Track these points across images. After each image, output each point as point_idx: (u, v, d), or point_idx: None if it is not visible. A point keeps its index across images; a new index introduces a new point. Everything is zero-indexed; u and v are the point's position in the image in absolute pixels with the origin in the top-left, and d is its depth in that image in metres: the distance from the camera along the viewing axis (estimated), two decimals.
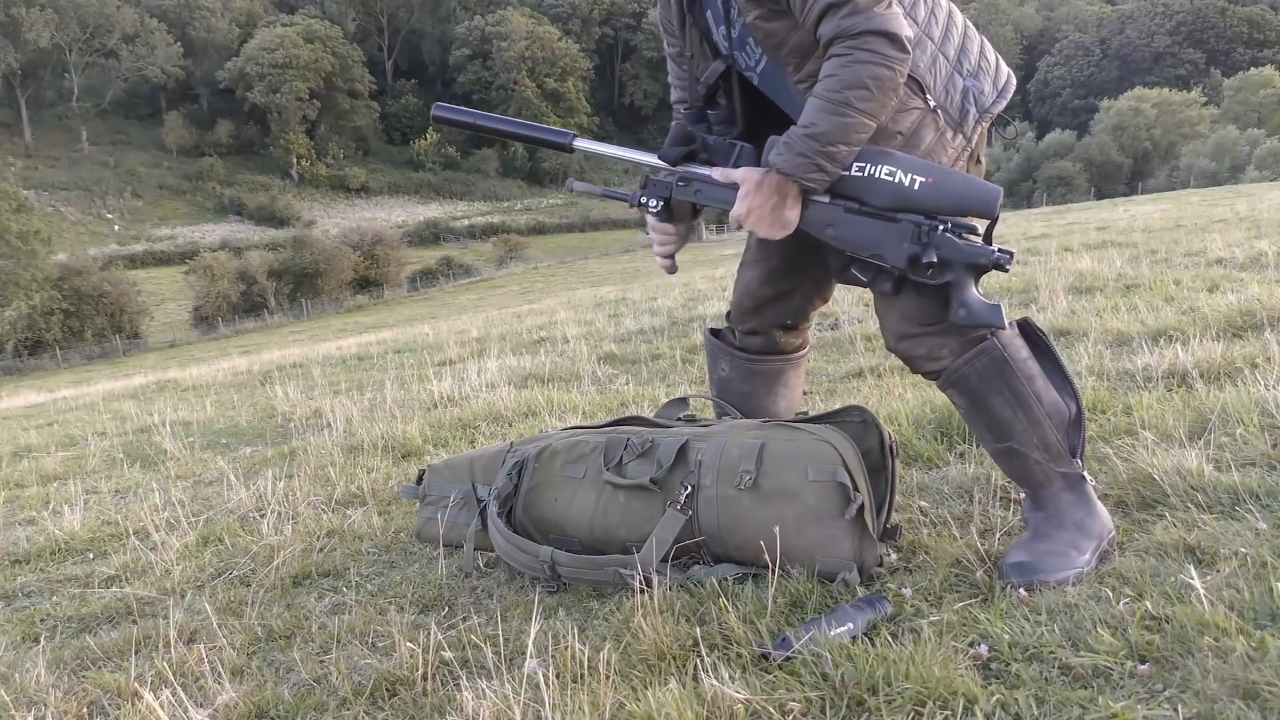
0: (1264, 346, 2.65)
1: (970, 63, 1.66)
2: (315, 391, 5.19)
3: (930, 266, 1.54)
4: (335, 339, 14.85)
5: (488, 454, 2.06)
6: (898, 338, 1.68)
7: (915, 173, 1.54)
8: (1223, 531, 1.57)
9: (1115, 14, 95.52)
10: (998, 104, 1.66)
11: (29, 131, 77.08)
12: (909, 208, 1.55)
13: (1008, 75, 1.70)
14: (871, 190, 1.56)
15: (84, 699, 1.62)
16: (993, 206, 1.55)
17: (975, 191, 1.55)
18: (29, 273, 40.41)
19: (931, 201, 1.54)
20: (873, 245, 1.57)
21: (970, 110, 1.64)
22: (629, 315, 6.72)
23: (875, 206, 1.56)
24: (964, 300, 1.55)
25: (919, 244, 1.54)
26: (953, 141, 1.63)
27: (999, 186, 1.57)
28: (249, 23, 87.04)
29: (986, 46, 1.71)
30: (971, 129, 1.64)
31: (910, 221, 1.55)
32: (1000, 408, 1.62)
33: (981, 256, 1.54)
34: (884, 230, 1.56)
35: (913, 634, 1.41)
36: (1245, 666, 1.18)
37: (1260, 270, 4.34)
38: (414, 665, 1.53)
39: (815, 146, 1.52)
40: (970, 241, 1.56)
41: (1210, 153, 57.04)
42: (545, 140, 1.79)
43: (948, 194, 1.54)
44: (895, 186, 1.54)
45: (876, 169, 1.55)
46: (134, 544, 2.48)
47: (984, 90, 1.65)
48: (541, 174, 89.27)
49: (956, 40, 1.66)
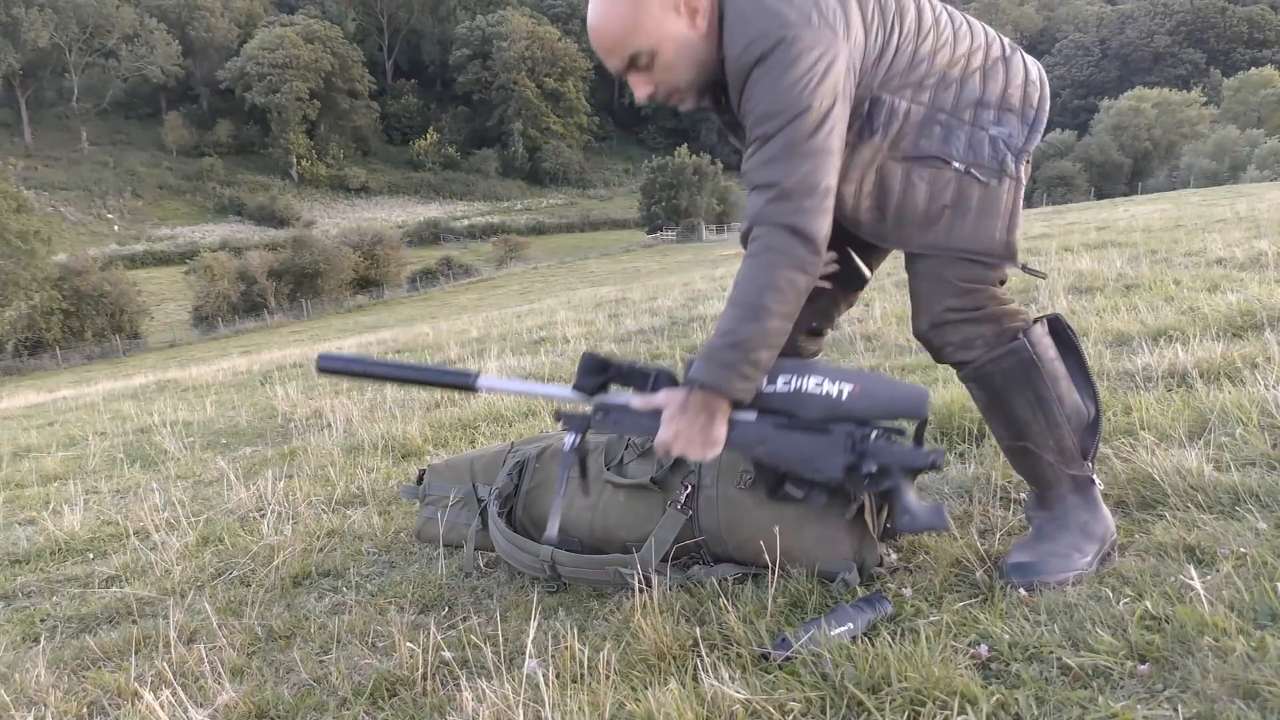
0: (1264, 346, 2.65)
1: (990, 112, 1.59)
2: (315, 391, 5.19)
3: (869, 476, 1.52)
4: (335, 339, 14.85)
5: (488, 454, 2.06)
6: (933, 323, 1.61)
7: (842, 381, 1.53)
8: (1223, 531, 1.57)
9: (1115, 14, 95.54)
10: (1032, 139, 1.60)
11: (29, 131, 77.10)
12: (840, 417, 1.53)
13: (1038, 101, 1.62)
14: (800, 404, 1.53)
15: (84, 699, 1.62)
16: (922, 408, 1.54)
17: (903, 395, 1.54)
18: (29, 273, 40.41)
19: (861, 409, 1.53)
20: (807, 459, 1.54)
21: (1006, 155, 1.57)
22: (629, 315, 6.72)
23: (805, 419, 1.54)
24: (905, 507, 1.52)
25: (854, 453, 1.52)
26: (1001, 187, 1.56)
27: (924, 388, 1.57)
28: (249, 23, 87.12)
29: (1011, 75, 1.61)
30: (1015, 169, 1.58)
31: (843, 431, 1.53)
32: (1021, 409, 1.60)
33: (919, 460, 1.53)
34: (817, 443, 1.54)
35: (913, 634, 1.40)
36: (1245, 666, 1.18)
37: (1260, 270, 4.34)
38: (414, 665, 1.53)
39: (737, 355, 1.47)
40: (903, 445, 1.54)
41: (1210, 153, 57.05)
42: (445, 383, 1.72)
43: (877, 400, 1.53)
44: (824, 398, 1.52)
45: (803, 381, 1.53)
46: (134, 544, 2.48)
47: (1012, 132, 1.58)
48: (541, 174, 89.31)
49: (972, 95, 1.58)
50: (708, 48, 1.52)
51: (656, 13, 1.49)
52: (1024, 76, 1.62)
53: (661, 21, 1.49)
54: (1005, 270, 1.60)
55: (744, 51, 1.46)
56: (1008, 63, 1.62)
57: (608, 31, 1.51)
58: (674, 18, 1.49)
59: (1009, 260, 1.57)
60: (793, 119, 1.43)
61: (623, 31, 1.50)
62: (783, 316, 1.46)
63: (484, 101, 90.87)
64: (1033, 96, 1.62)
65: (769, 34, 1.43)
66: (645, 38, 1.50)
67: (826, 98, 1.43)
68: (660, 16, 1.49)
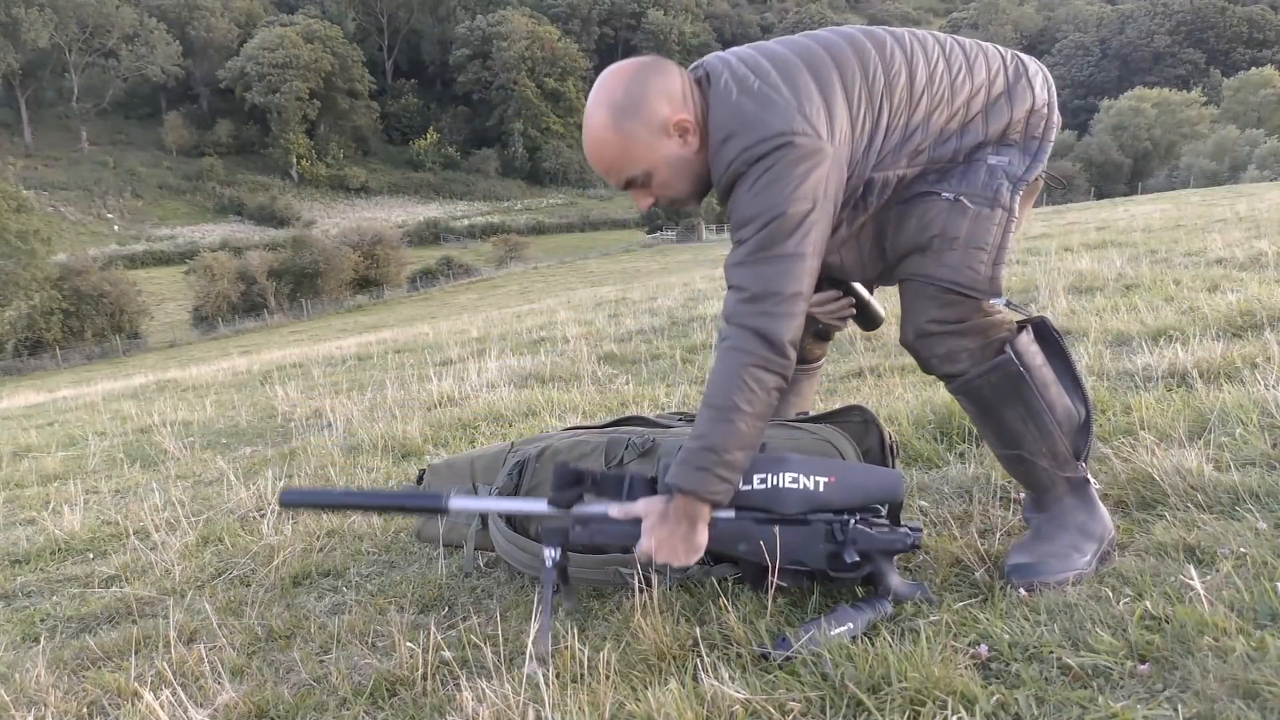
0: (1264, 346, 2.65)
1: (990, 148, 1.58)
2: (315, 391, 5.19)
3: (852, 564, 1.53)
4: (335, 339, 14.85)
5: (488, 454, 2.06)
6: (917, 334, 1.61)
7: (817, 474, 1.54)
8: (1223, 531, 1.57)
9: (1115, 14, 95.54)
10: (1033, 169, 1.58)
11: (29, 131, 77.11)
12: (818, 508, 1.55)
13: (1042, 129, 1.61)
14: (778, 500, 1.54)
15: (84, 699, 1.62)
16: (897, 492, 1.56)
17: (878, 481, 1.56)
18: (29, 272, 40.40)
19: (839, 499, 1.54)
20: (790, 552, 1.55)
21: (1001, 183, 1.56)
22: (629, 315, 6.72)
23: (784, 514, 1.55)
24: (887, 587, 1.54)
25: (835, 542, 1.53)
26: (992, 217, 1.56)
27: (899, 473, 1.59)
28: (249, 23, 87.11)
29: (1016, 109, 1.59)
30: (1009, 199, 1.56)
31: (821, 521, 1.55)
32: (1013, 420, 1.60)
33: (898, 543, 1.54)
34: (798, 535, 1.55)
35: (913, 634, 1.41)
36: (1245, 666, 1.18)
37: (1260, 270, 4.34)
38: (414, 665, 1.53)
39: (712, 458, 1.47)
40: (882, 528, 1.56)
41: (1210, 153, 57.04)
42: (415, 507, 1.72)
43: (853, 489, 1.55)
44: (801, 492, 1.54)
45: (778, 477, 1.54)
46: (134, 544, 2.48)
47: (1012, 160, 1.57)
48: (541, 174, 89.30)
49: (973, 141, 1.58)
50: (701, 160, 1.56)
51: (647, 138, 1.53)
52: (1030, 104, 1.60)
53: (653, 146, 1.53)
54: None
55: (727, 169, 1.50)
56: (1011, 94, 1.60)
57: (602, 159, 1.56)
58: (664, 140, 1.53)
59: (993, 295, 1.56)
60: (766, 224, 1.46)
61: (617, 159, 1.55)
62: (754, 416, 1.48)
63: (484, 101, 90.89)
64: (1036, 126, 1.60)
65: (750, 149, 1.47)
66: (639, 163, 1.55)
67: (804, 203, 1.46)
68: (651, 141, 1.53)
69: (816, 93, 1.49)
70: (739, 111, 1.49)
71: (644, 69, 1.55)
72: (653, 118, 1.52)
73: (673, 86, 1.53)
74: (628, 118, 1.52)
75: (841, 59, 1.54)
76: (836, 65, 1.53)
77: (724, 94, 1.52)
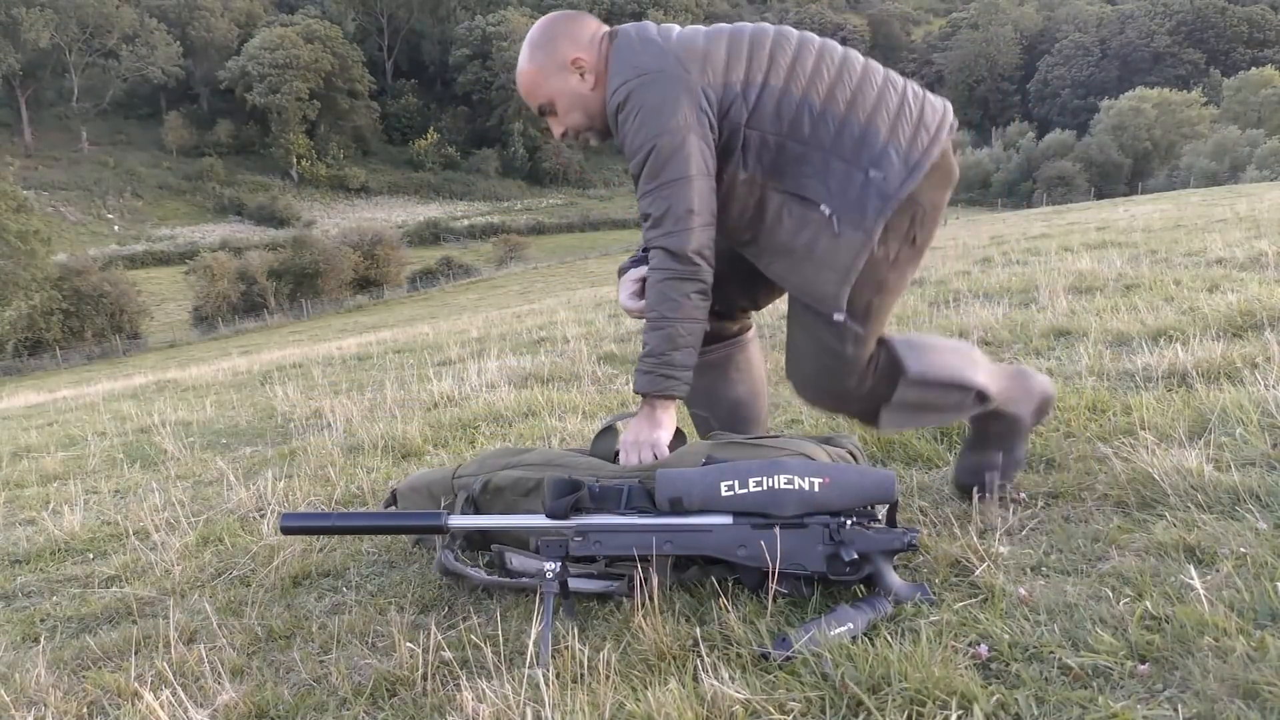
0: (1264, 346, 2.65)
1: (873, 151, 1.67)
2: (315, 391, 5.19)
3: (850, 564, 1.54)
4: (335, 339, 14.85)
5: (434, 478, 2.04)
6: (801, 387, 1.85)
7: (811, 475, 1.56)
8: (1223, 531, 1.57)
9: (1115, 14, 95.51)
10: (908, 183, 1.67)
11: (29, 131, 77.09)
12: (814, 510, 1.57)
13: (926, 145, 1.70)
14: (775, 503, 1.57)
15: (84, 699, 1.62)
16: (891, 491, 1.59)
17: (871, 481, 1.59)
18: (29, 273, 40.38)
19: (835, 500, 1.57)
20: (788, 555, 1.57)
21: (869, 201, 1.66)
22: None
23: (782, 517, 1.57)
24: (887, 587, 1.55)
25: (832, 544, 1.56)
26: (851, 241, 1.67)
27: (891, 473, 1.62)
28: (249, 23, 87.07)
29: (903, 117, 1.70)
30: (873, 221, 1.67)
31: (818, 523, 1.56)
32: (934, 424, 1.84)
33: (895, 542, 1.56)
34: (796, 538, 1.57)
35: (913, 634, 1.41)
36: (1245, 666, 1.18)
37: (1260, 270, 4.34)
38: (414, 665, 1.53)
39: (654, 362, 1.74)
40: (878, 529, 1.58)
41: (1210, 153, 57.06)
42: (415, 527, 1.85)
43: (847, 489, 1.57)
44: (797, 493, 1.56)
45: (774, 480, 1.57)
46: (134, 544, 2.48)
47: (888, 176, 1.67)
48: (541, 174, 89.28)
49: (855, 132, 1.68)
50: (597, 99, 1.82)
51: (553, 71, 1.82)
52: (918, 119, 1.72)
53: (556, 78, 1.82)
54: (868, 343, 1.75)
55: (609, 101, 1.75)
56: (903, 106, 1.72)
57: (521, 86, 1.87)
58: (566, 75, 1.82)
59: (836, 310, 1.71)
60: (647, 155, 1.69)
61: (528, 86, 1.86)
62: (681, 320, 1.73)
63: (484, 101, 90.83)
64: (922, 140, 1.71)
65: (626, 83, 1.71)
66: (544, 90, 1.84)
67: (674, 132, 1.67)
68: (554, 73, 1.82)
69: (702, 42, 1.73)
70: (628, 56, 1.75)
71: (562, 17, 1.85)
72: (557, 53, 1.81)
73: (580, 33, 1.82)
74: (539, 51, 1.83)
75: (741, 29, 1.78)
76: (733, 30, 1.77)
77: (623, 45, 1.78)
